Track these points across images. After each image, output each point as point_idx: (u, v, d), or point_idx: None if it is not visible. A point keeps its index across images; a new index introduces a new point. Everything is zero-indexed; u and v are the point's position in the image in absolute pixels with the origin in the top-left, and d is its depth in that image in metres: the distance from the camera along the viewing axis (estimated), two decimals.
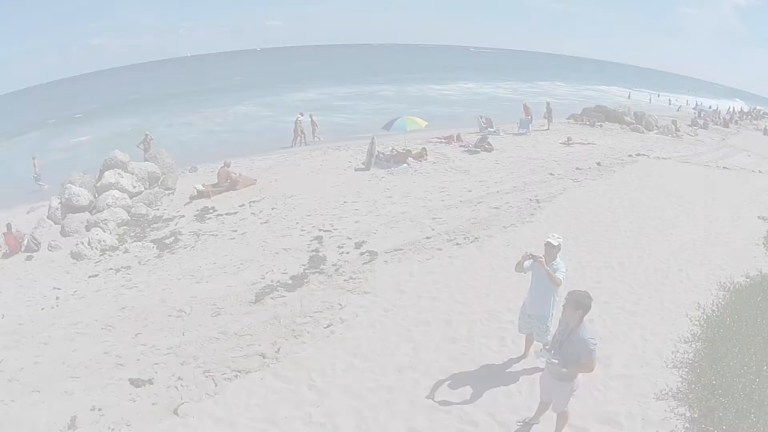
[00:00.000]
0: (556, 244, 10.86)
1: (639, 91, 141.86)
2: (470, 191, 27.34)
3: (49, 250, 24.32)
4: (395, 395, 11.39)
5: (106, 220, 25.42)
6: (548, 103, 51.75)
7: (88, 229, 25.33)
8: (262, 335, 14.13)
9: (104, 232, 24.42)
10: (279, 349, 13.29)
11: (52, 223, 26.67)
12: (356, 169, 32.69)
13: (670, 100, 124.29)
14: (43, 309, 18.27)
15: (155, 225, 25.88)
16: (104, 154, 31.72)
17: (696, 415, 10.30)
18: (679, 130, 59.04)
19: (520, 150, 38.96)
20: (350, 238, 21.25)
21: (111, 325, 15.52)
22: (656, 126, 58.02)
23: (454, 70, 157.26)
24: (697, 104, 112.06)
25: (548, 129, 49.52)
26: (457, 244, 20.21)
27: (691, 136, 59.00)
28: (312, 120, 48.45)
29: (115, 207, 26.69)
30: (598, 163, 34.36)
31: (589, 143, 43.07)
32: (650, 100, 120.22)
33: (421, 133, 42.71)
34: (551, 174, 30.95)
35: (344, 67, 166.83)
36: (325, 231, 22.33)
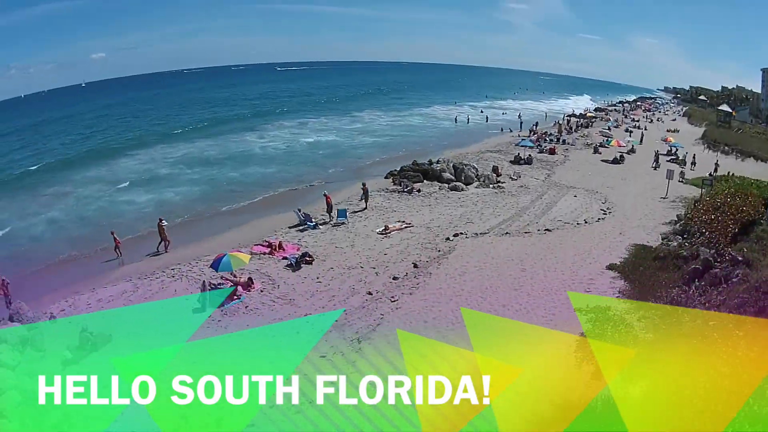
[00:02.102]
0: None
1: (461, 106, 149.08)
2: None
3: None
4: None
5: None
6: (364, 184, 54.17)
7: None
8: None
9: None
10: None
11: None
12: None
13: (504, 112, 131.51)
14: None
15: None
16: None
17: None
18: (500, 176, 62.90)
19: (339, 254, 41.88)
20: None
21: None
22: (476, 177, 61.54)
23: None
24: (520, 117, 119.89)
25: (366, 208, 52.60)
26: None
27: (513, 180, 62.71)
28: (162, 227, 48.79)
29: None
30: (415, 265, 37.77)
31: (406, 226, 46.63)
32: (467, 119, 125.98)
33: (246, 243, 45.57)
34: (369, 293, 34.20)
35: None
36: None
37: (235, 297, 35.97)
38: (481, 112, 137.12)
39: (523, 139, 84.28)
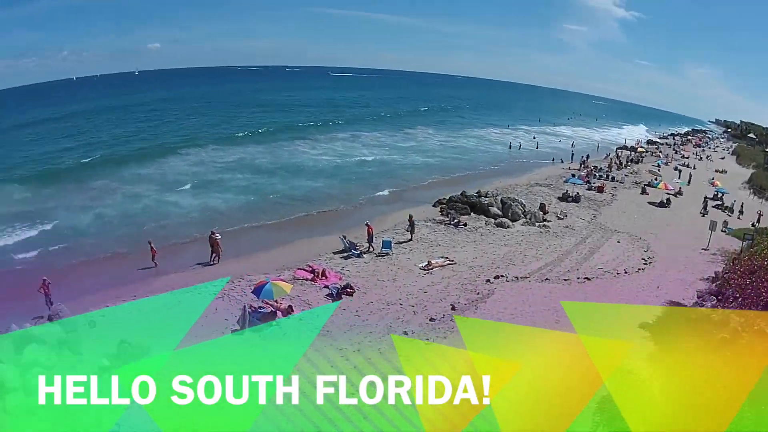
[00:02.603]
0: None
1: (516, 129, 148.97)
2: (331, 367, 31.19)
3: None
4: None
5: None
6: (411, 216, 54.23)
7: None
8: None
9: None
10: None
11: None
12: (232, 332, 35.90)
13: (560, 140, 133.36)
14: None
15: None
16: None
17: None
18: (547, 214, 62.85)
19: (380, 288, 42.36)
20: None
21: None
22: (523, 213, 61.40)
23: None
24: (573, 146, 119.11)
25: (411, 239, 52.83)
26: None
27: (560, 219, 62.43)
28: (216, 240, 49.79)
29: None
30: (453, 307, 38.28)
31: (448, 263, 46.83)
32: (519, 145, 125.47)
33: (290, 266, 46.31)
34: (405, 333, 34.70)
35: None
36: None
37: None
38: (534, 138, 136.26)
39: (572, 176, 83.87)
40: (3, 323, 35.57)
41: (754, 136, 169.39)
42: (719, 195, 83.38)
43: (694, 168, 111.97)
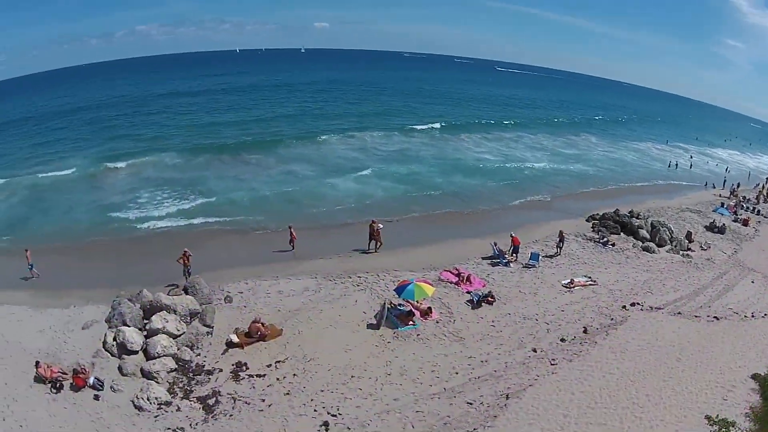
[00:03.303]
0: None
1: (674, 147, 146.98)
2: (457, 373, 33.56)
3: (113, 391, 31.20)
4: None
5: (158, 371, 32.62)
6: (562, 232, 54.67)
7: (143, 374, 32.78)
8: None
9: (158, 384, 31.69)
10: None
11: (109, 355, 33.86)
12: (368, 325, 38.65)
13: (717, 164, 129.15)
14: None
15: (198, 377, 32.85)
16: None
17: None
18: (692, 243, 62.56)
19: (520, 300, 44.00)
20: (349, 429, 28.41)
21: None
22: (670, 240, 61.23)
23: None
24: (727, 171, 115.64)
25: (558, 254, 53.91)
26: None
27: (703, 250, 61.73)
28: (377, 229, 52.24)
29: (164, 357, 33.79)
30: (585, 330, 39.73)
31: (590, 283, 47.90)
32: (676, 164, 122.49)
33: (438, 266, 48.89)
34: (534, 350, 36.65)
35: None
36: (331, 416, 29.33)
37: (411, 322, 39.23)
38: (691, 157, 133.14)
39: (721, 205, 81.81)
40: (135, 287, 39.68)
41: None
42: None
43: None
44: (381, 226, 52.62)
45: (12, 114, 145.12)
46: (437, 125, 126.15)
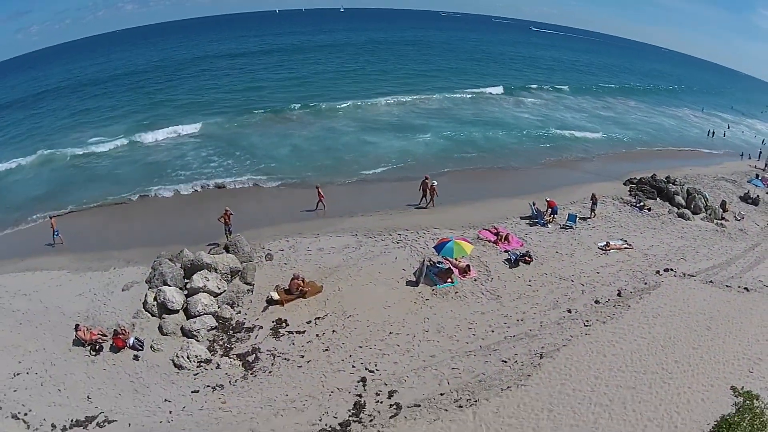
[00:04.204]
0: None
1: (709, 115, 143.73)
2: (492, 331, 33.75)
3: (152, 350, 31.91)
4: None
5: (198, 329, 33.26)
6: (594, 195, 54.22)
7: (183, 332, 33.45)
8: None
9: (198, 342, 32.36)
10: None
11: (149, 315, 34.56)
12: (407, 282, 38.81)
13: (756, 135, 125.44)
14: (161, 422, 26.24)
15: (238, 334, 33.49)
16: None
17: None
18: (726, 212, 61.34)
19: (556, 261, 43.75)
20: (386, 384, 28.78)
21: None
22: (705, 208, 60.15)
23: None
24: (764, 144, 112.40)
25: (593, 216, 53.28)
26: (460, 406, 27.20)
27: (737, 220, 60.63)
28: (432, 185, 52.52)
29: (204, 315, 34.35)
30: (619, 293, 39.43)
31: (625, 247, 47.44)
32: (723, 134, 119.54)
33: (476, 224, 48.80)
34: (569, 311, 36.65)
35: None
36: (369, 371, 29.78)
37: (449, 280, 39.27)
38: (728, 127, 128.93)
39: (756, 177, 79.96)
40: (176, 247, 40.13)
41: None
42: None
43: None
44: (435, 182, 52.57)
45: (50, 82, 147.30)
46: (482, 88, 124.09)
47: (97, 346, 31.23)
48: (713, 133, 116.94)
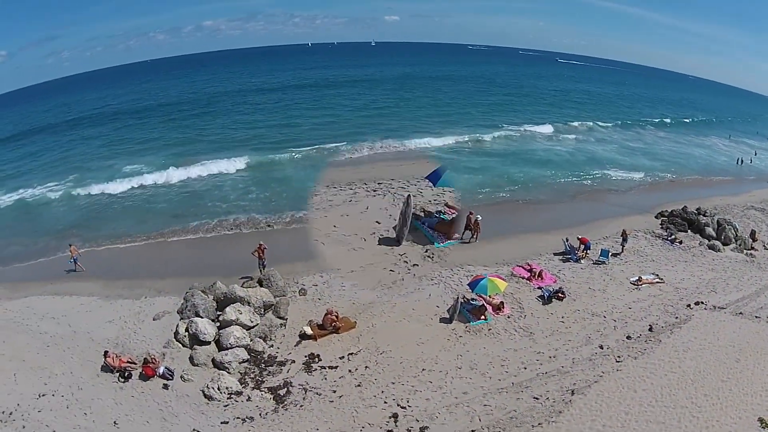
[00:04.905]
0: None
1: (737, 141, 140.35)
2: (525, 368, 33.82)
3: (183, 380, 32.26)
4: None
5: (230, 361, 33.61)
6: (625, 231, 53.85)
7: (214, 364, 33.70)
8: None
9: (230, 374, 32.66)
10: None
11: (180, 345, 34.96)
12: (441, 319, 38.98)
13: None
14: None
15: (270, 368, 33.69)
16: None
17: None
18: (755, 242, 60.19)
19: (589, 296, 43.63)
20: (418, 421, 28.84)
21: None
22: (735, 239, 59.17)
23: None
24: None
25: (622, 252, 52.67)
26: None
27: (767, 249, 59.63)
28: (476, 220, 52.34)
29: (236, 348, 34.63)
30: (651, 329, 39.29)
31: (657, 281, 47.12)
32: (750, 160, 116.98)
33: (510, 261, 48.92)
34: (601, 347, 36.57)
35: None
36: (401, 407, 29.90)
37: (483, 317, 39.36)
38: (755, 153, 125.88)
39: None
40: (209, 279, 40.39)
41: None
42: None
43: None
44: (479, 217, 52.55)
45: (83, 108, 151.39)
46: (511, 125, 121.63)
47: (126, 374, 31.67)
48: (741, 161, 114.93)
